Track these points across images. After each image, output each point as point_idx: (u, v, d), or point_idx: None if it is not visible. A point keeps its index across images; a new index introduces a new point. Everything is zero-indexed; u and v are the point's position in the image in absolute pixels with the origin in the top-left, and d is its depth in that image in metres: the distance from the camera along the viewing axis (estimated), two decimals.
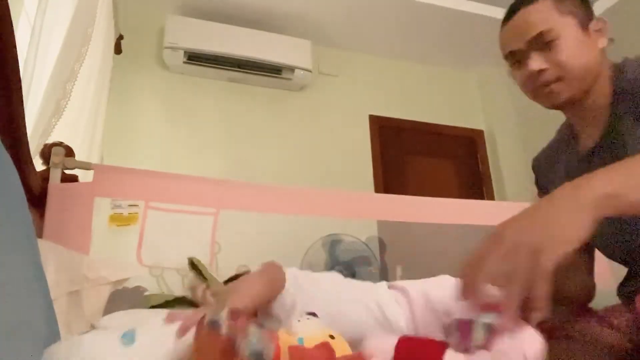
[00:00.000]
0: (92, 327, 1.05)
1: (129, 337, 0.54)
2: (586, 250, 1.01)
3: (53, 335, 0.62)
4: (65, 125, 1.48)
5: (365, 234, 1.75)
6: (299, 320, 0.62)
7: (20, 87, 0.89)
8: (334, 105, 3.35)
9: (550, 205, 0.57)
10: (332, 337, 0.59)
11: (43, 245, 0.96)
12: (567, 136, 1.04)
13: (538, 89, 0.93)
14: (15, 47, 0.81)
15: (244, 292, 0.72)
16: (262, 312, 0.75)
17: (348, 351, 0.59)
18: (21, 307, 0.54)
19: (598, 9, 3.10)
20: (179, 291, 1.36)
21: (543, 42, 0.89)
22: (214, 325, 0.51)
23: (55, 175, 1.37)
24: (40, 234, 1.27)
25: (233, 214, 1.57)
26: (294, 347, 0.55)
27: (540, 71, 0.90)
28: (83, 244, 1.36)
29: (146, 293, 1.22)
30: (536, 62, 0.90)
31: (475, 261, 0.55)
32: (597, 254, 1.03)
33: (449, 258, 2.04)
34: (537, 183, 1.14)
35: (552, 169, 1.06)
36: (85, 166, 1.46)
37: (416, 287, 0.83)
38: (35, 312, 0.59)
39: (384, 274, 1.71)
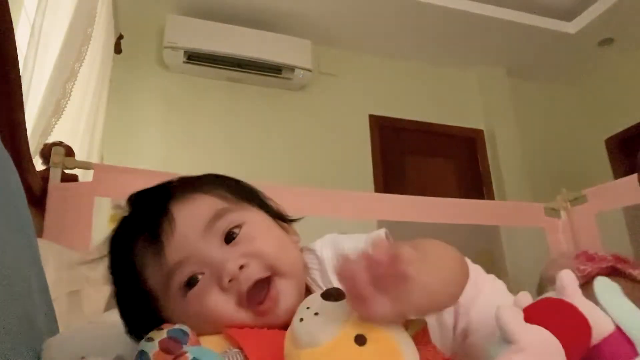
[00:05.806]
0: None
1: None
2: None
3: (52, 335, 0.62)
4: (65, 125, 1.48)
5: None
6: (301, 319, 0.41)
7: (20, 87, 0.89)
8: (334, 105, 3.35)
9: None
10: (360, 340, 0.37)
11: (43, 245, 0.96)
12: None
13: None
14: (15, 47, 0.81)
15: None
16: None
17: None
18: (21, 306, 0.54)
19: (598, 9, 3.10)
20: None
21: None
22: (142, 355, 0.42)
23: (55, 175, 1.37)
24: (40, 234, 1.27)
25: None
26: None
27: None
28: (83, 243, 1.35)
29: None
30: None
31: None
32: None
33: None
34: None
35: None
36: (86, 166, 1.46)
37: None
38: (35, 312, 0.59)
39: None
